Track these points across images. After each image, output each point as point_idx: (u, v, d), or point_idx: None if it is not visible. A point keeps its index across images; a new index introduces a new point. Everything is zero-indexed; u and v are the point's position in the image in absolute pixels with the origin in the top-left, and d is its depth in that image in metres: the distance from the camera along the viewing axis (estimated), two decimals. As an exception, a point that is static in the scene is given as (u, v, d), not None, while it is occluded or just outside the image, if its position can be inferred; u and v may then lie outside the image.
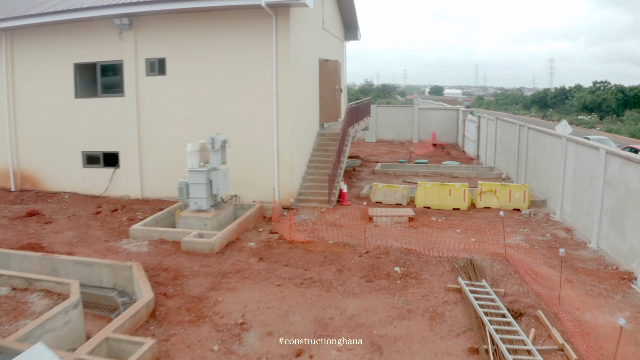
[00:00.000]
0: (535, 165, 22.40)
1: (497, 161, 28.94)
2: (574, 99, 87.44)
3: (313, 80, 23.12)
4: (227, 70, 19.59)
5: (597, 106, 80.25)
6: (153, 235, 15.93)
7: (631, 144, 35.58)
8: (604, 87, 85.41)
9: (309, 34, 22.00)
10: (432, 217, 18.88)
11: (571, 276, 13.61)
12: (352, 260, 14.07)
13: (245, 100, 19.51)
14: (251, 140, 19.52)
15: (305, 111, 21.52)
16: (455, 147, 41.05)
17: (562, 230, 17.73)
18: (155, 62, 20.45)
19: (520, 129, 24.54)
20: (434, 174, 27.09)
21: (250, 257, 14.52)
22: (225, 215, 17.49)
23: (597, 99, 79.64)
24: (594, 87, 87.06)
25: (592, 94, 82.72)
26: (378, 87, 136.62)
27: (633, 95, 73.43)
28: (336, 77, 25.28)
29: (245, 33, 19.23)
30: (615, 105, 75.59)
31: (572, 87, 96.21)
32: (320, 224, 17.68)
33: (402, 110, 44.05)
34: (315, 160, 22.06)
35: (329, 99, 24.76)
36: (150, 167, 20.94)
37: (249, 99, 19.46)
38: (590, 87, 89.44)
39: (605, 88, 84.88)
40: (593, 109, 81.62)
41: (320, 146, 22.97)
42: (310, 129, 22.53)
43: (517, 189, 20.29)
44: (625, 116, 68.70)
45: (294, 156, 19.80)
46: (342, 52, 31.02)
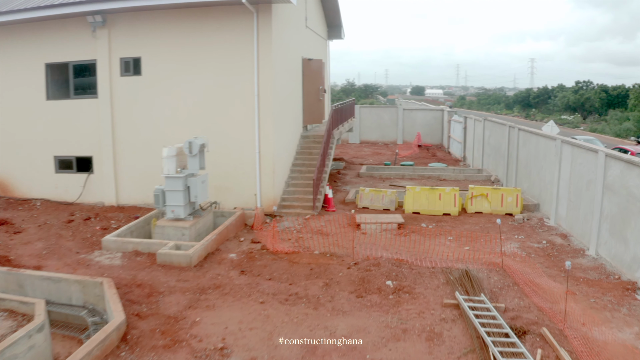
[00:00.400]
0: (526, 167, 21.65)
1: (485, 163, 28.19)
2: (557, 99, 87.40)
3: (296, 80, 22.20)
4: (205, 70, 18.60)
5: (580, 106, 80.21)
6: (127, 246, 14.90)
7: (619, 144, 35.03)
8: (586, 87, 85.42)
9: (291, 32, 21.07)
10: (422, 223, 18.02)
11: (573, 287, 12.82)
12: (340, 272, 13.14)
13: (225, 101, 18.53)
14: (231, 143, 18.55)
15: (288, 112, 20.59)
16: (440, 148, 40.33)
17: (557, 236, 16.97)
18: (130, 62, 19.40)
19: (510, 130, 23.78)
20: (421, 176, 26.27)
21: (231, 270, 13.54)
22: (204, 223, 16.49)
23: (580, 99, 79.61)
24: (577, 87, 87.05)
25: (575, 94, 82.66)
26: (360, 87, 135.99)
27: (616, 94, 73.39)
28: (320, 77, 24.37)
29: (225, 31, 18.26)
30: (599, 104, 75.54)
31: (555, 87, 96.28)
32: (305, 232, 16.74)
33: (386, 111, 43.25)
34: (299, 163, 21.13)
35: (313, 100, 23.84)
36: (125, 173, 19.88)
37: (229, 100, 18.48)
38: (572, 86, 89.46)
39: (588, 88, 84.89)
40: (576, 108, 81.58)
41: (304, 149, 22.05)
42: (293, 131, 21.60)
43: (509, 192, 19.50)
44: (609, 116, 68.53)
45: (277, 160, 18.86)
46: (325, 51, 30.10)
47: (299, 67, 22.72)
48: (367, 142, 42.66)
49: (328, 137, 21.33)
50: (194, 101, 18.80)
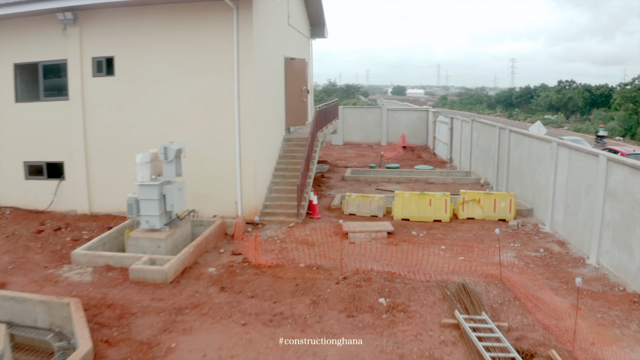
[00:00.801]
0: (518, 170, 20.83)
1: (474, 165, 27.38)
2: (540, 98, 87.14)
3: (278, 80, 21.20)
4: (182, 70, 17.53)
5: (563, 105, 80.00)
6: (98, 260, 13.82)
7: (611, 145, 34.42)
8: (569, 86, 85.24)
9: (273, 29, 20.07)
10: (412, 231, 17.12)
11: (576, 301, 11.98)
12: (329, 288, 12.16)
13: (204, 103, 17.47)
14: (210, 147, 17.51)
15: (270, 114, 19.60)
16: (425, 150, 39.53)
17: (555, 243, 16.16)
18: (103, 62, 18.28)
19: (500, 131, 22.97)
20: (408, 179, 25.38)
21: (210, 286, 12.50)
22: (182, 234, 15.44)
23: (563, 98, 79.38)
24: (560, 87, 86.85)
25: (557, 93, 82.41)
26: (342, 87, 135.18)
27: (600, 94, 73.16)
28: (303, 77, 23.39)
29: (203, 28, 17.21)
30: (582, 104, 75.31)
31: (538, 87, 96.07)
32: (289, 242, 15.75)
33: (369, 111, 42.34)
34: (282, 168, 20.13)
35: (296, 101, 22.85)
36: (98, 179, 18.76)
37: (208, 101, 17.43)
38: (555, 86, 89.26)
39: (570, 87, 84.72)
40: (559, 108, 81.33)
41: (287, 152, 21.06)
42: (275, 134, 20.60)
43: (502, 197, 18.66)
44: (593, 115, 68.26)
45: (258, 165, 17.86)
46: (308, 50, 29.11)
47: (281, 66, 21.74)
48: (350, 144, 41.75)
49: (312, 140, 20.36)
50: (170, 103, 17.73)
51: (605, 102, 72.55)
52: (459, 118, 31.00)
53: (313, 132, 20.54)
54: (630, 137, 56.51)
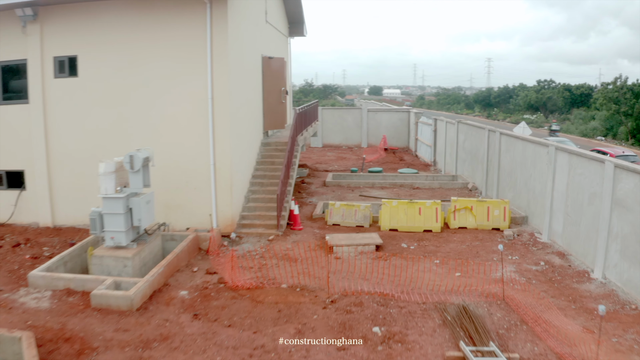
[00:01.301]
0: (511, 175, 19.73)
1: (460, 169, 26.27)
2: (519, 98, 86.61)
3: (255, 81, 19.86)
4: (152, 70, 16.11)
5: (543, 105, 79.51)
6: (58, 283, 12.36)
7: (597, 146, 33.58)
8: (548, 86, 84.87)
9: (250, 27, 18.73)
10: (401, 242, 15.90)
11: (588, 323, 10.87)
12: (315, 314, 10.86)
13: (175, 105, 16.07)
14: (182, 154, 16.12)
15: (246, 118, 18.25)
16: (407, 152, 38.43)
17: (554, 255, 15.07)
18: (65, 61, 16.81)
19: (490, 134, 21.86)
20: (392, 184, 24.16)
21: (182, 313, 11.12)
22: (151, 251, 14.04)
23: (543, 98, 78.90)
24: (539, 86, 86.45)
25: (537, 93, 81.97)
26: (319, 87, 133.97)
27: (580, 93, 72.74)
28: (282, 77, 22.06)
29: (174, 25, 15.82)
30: (562, 103, 74.86)
31: (516, 86, 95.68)
32: (269, 258, 14.43)
33: (349, 112, 41.11)
34: (260, 175, 18.79)
35: (274, 103, 21.52)
36: (62, 189, 17.26)
37: (180, 104, 16.03)
38: (534, 86, 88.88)
39: (549, 87, 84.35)
40: (538, 107, 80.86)
41: (265, 158, 19.72)
42: (252, 139, 19.25)
43: (495, 205, 17.53)
44: (573, 115, 67.80)
45: (235, 172, 16.51)
46: (286, 49, 27.74)
47: (259, 66, 20.40)
48: (330, 146, 40.51)
49: (292, 144, 19.05)
50: (138, 106, 16.30)
51: (585, 101, 72.21)
52: (443, 119, 29.88)
53: (293, 136, 19.24)
54: (612, 137, 56.05)
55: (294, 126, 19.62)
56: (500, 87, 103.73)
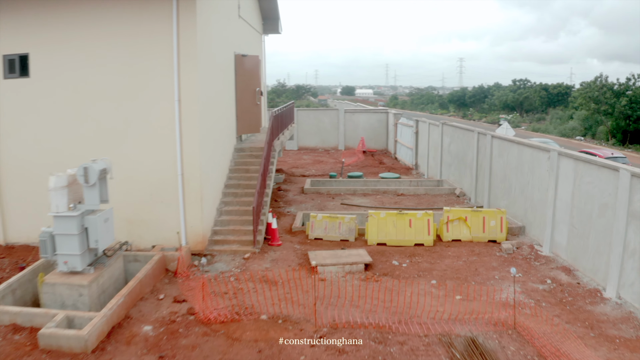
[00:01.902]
0: (504, 182, 18.31)
1: (445, 173, 24.83)
2: (494, 98, 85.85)
3: (227, 80, 18.16)
4: (113, 69, 14.29)
5: (519, 104, 78.78)
6: (2, 318, 10.53)
7: (582, 147, 32.43)
8: (524, 85, 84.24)
9: (221, 22, 17.03)
10: (392, 259, 14.34)
11: (612, 354, 9.45)
12: (302, 356, 9.18)
13: (139, 109, 14.28)
14: (146, 163, 14.36)
15: (218, 121, 16.55)
16: (386, 154, 36.98)
17: (560, 271, 13.66)
18: (16, 60, 14.96)
19: (480, 137, 20.43)
20: (375, 191, 22.60)
21: (145, 354, 9.33)
22: (111, 275, 12.27)
23: (519, 97, 78.16)
24: (515, 86, 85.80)
25: (513, 93, 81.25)
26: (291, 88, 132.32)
27: (557, 93, 72.06)
28: (256, 76, 20.35)
29: (137, 20, 14.04)
30: (539, 103, 74.17)
31: (491, 86, 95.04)
32: (245, 280, 12.76)
33: (325, 114, 39.50)
34: (233, 184, 17.11)
35: (248, 105, 19.82)
36: (14, 203, 15.40)
37: (144, 107, 14.25)
38: (510, 85, 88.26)
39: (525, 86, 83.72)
40: (515, 107, 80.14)
41: (239, 165, 18.03)
42: (225, 144, 17.55)
43: (491, 215, 16.08)
44: (550, 115, 67.04)
45: (205, 182, 14.82)
46: (261, 47, 25.99)
47: (231, 64, 18.70)
48: (306, 149, 38.91)
49: (268, 150, 17.40)
50: (98, 110, 14.48)
51: (562, 100, 71.54)
52: (425, 121, 28.43)
53: (269, 140, 17.58)
54: (592, 137, 55.31)
55: (270, 130, 17.97)
56: (475, 87, 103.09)
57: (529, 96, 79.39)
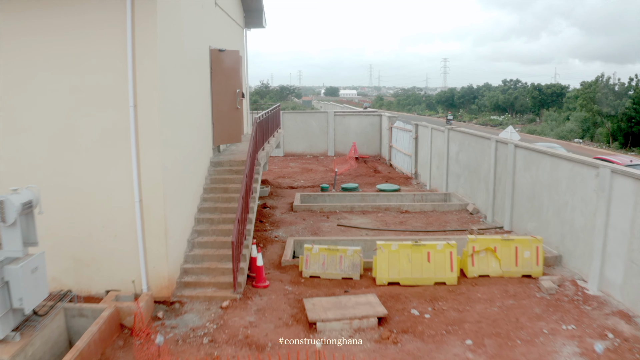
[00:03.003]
0: (532, 201, 15.40)
1: (452, 185, 21.89)
2: (485, 98, 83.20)
3: (201, 81, 15.09)
4: (52, 68, 11.10)
5: (510, 105, 76.20)
6: None
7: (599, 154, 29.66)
8: (514, 86, 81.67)
9: (193, 10, 13.93)
10: (410, 306, 11.34)
11: None
12: None
13: (87, 118, 11.11)
14: (95, 187, 11.22)
15: (188, 130, 13.45)
16: (379, 161, 34.01)
17: (617, 317, 10.81)
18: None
19: (498, 146, 17.51)
20: (376, 208, 19.57)
21: None
22: (46, 340, 9.15)
23: (510, 98, 75.55)
24: (505, 86, 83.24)
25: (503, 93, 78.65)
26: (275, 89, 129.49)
27: (551, 93, 69.43)
28: (236, 75, 17.23)
29: (81, 6, 10.92)
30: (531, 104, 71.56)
31: (481, 86, 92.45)
32: (222, 343, 9.70)
33: (314, 117, 36.40)
34: (209, 208, 14.02)
35: (227, 109, 16.74)
36: None
37: (93, 115, 11.10)
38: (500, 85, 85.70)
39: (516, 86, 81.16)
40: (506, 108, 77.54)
41: (216, 183, 14.96)
42: (198, 158, 14.45)
43: (525, 244, 13.15)
44: (544, 116, 64.44)
45: (171, 208, 11.73)
46: (242, 42, 22.81)
47: (206, 61, 15.62)
48: (292, 155, 35.83)
49: (252, 164, 14.34)
50: (33, 117, 11.30)
51: (556, 101, 68.93)
52: (427, 125, 25.46)
53: (252, 153, 14.49)
54: (590, 139, 52.85)
55: (254, 140, 14.89)
56: (464, 88, 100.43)
57: (520, 97, 76.85)
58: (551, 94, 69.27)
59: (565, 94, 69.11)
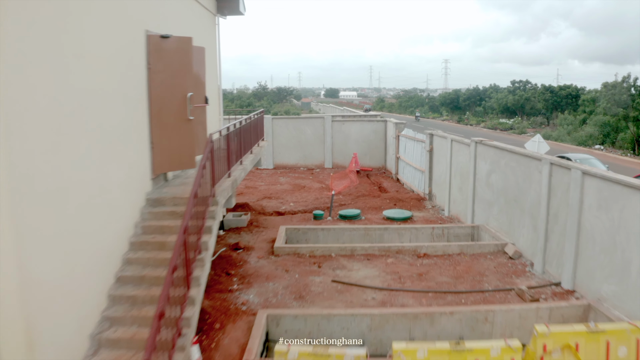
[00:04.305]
0: (612, 253, 10.61)
1: (480, 214, 17.05)
2: (492, 100, 78.26)
3: (125, 80, 10.24)
4: None
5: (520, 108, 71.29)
6: None
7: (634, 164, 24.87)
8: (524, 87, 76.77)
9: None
10: None
11: None
12: None
13: None
14: None
15: (93, 156, 8.65)
16: (384, 174, 29.21)
17: None
18: None
19: (554, 170, 12.68)
20: (384, 251, 14.60)
21: None
22: None
23: (520, 100, 70.61)
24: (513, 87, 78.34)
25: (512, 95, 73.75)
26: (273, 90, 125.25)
27: (566, 95, 64.42)
28: (187, 73, 12.20)
29: None
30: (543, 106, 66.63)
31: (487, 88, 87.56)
32: None
33: (308, 123, 31.47)
34: (133, 277, 9.16)
35: (174, 121, 11.79)
36: None
37: None
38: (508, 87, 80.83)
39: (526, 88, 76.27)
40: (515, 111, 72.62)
41: (151, 233, 10.11)
42: (117, 198, 9.58)
43: (620, 337, 8.32)
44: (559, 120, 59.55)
45: (46, 295, 6.95)
46: (213, 33, 17.73)
47: (139, 52, 10.78)
48: (284, 167, 30.98)
49: (203, 210, 9.47)
50: None
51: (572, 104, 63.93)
52: (446, 136, 20.56)
53: (194, 193, 9.60)
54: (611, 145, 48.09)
55: (208, 164, 10.05)
56: (469, 89, 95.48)
57: (531, 98, 71.98)
58: (566, 95, 64.20)
59: (580, 95, 64.19)
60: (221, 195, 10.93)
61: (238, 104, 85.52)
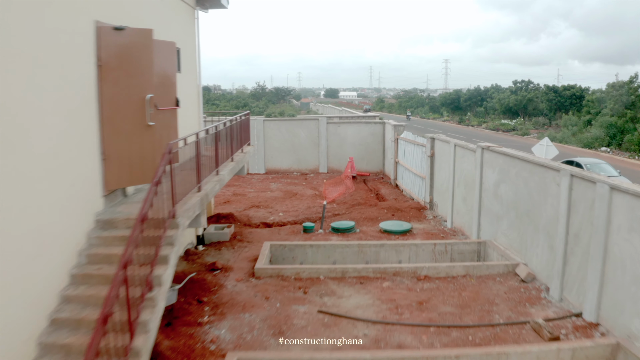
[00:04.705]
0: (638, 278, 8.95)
1: (487, 229, 15.38)
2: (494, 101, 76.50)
3: (68, 80, 8.56)
4: None
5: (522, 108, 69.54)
6: None
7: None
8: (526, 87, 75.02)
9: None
10: None
11: None
12: None
13: None
14: None
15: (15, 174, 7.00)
16: (382, 180, 27.57)
17: None
18: None
19: (574, 182, 11.01)
20: (380, 273, 12.91)
21: None
22: None
23: (522, 100, 68.86)
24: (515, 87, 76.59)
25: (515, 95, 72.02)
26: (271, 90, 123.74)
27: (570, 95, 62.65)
28: (147, 70, 10.42)
29: None
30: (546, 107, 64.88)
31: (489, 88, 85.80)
32: None
33: (302, 125, 29.76)
34: (71, 320, 7.50)
35: (130, 128, 10.11)
36: None
37: None
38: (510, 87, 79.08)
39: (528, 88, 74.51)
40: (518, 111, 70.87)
41: (98, 263, 8.45)
42: (52, 222, 7.93)
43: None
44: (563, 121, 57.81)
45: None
46: (190, 27, 16.01)
47: (87, 46, 9.11)
48: (276, 172, 29.32)
49: (138, 244, 7.81)
50: None
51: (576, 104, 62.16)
52: (448, 140, 18.87)
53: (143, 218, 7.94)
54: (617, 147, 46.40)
55: (155, 187, 8.39)
56: (470, 89, 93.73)
57: (533, 99, 70.27)
58: (570, 96, 62.44)
59: (584, 96, 62.46)
60: (184, 215, 9.24)
61: (234, 105, 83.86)
